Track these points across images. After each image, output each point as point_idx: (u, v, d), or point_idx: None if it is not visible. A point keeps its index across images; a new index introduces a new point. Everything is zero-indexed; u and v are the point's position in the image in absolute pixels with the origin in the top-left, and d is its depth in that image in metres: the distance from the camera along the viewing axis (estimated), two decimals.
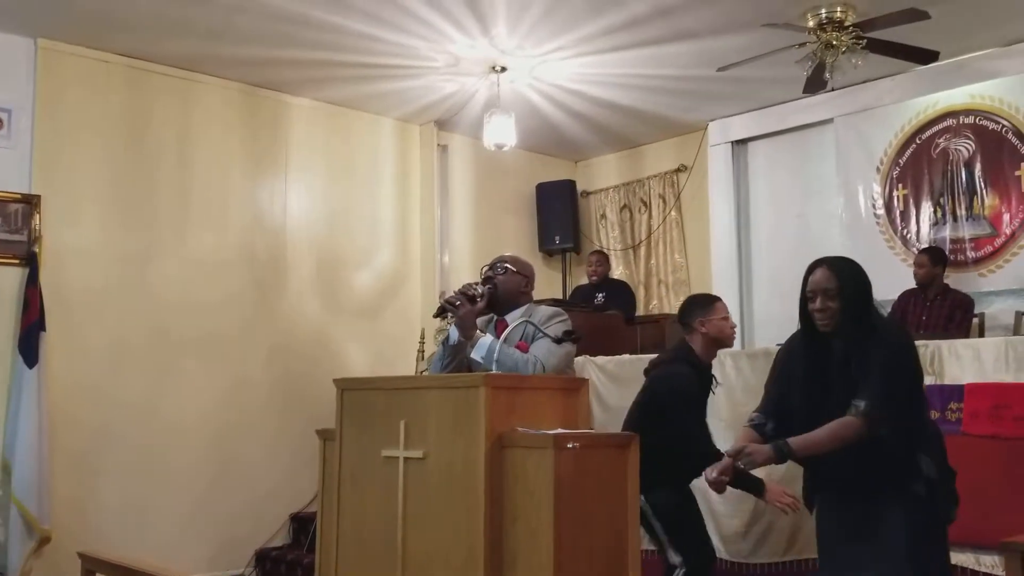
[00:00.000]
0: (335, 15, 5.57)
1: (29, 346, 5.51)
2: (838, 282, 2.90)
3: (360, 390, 3.67)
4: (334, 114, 7.25)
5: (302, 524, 6.52)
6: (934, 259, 5.99)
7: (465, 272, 7.76)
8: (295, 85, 6.84)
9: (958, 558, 3.89)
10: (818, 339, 2.99)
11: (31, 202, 5.74)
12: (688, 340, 4.01)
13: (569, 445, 2.99)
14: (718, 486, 3.07)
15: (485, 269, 3.83)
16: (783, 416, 3.07)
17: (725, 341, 4.05)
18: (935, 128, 6.59)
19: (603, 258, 7.56)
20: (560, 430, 3.14)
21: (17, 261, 5.66)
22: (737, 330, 4.32)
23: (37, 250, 5.68)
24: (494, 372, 3.40)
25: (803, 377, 3.01)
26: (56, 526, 5.49)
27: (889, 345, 2.89)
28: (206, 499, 6.26)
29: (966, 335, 5.57)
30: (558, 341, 3.56)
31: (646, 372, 4.13)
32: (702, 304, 4.06)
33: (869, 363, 2.84)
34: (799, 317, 3.04)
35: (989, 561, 3.86)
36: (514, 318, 3.70)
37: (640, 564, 3.22)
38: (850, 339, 2.89)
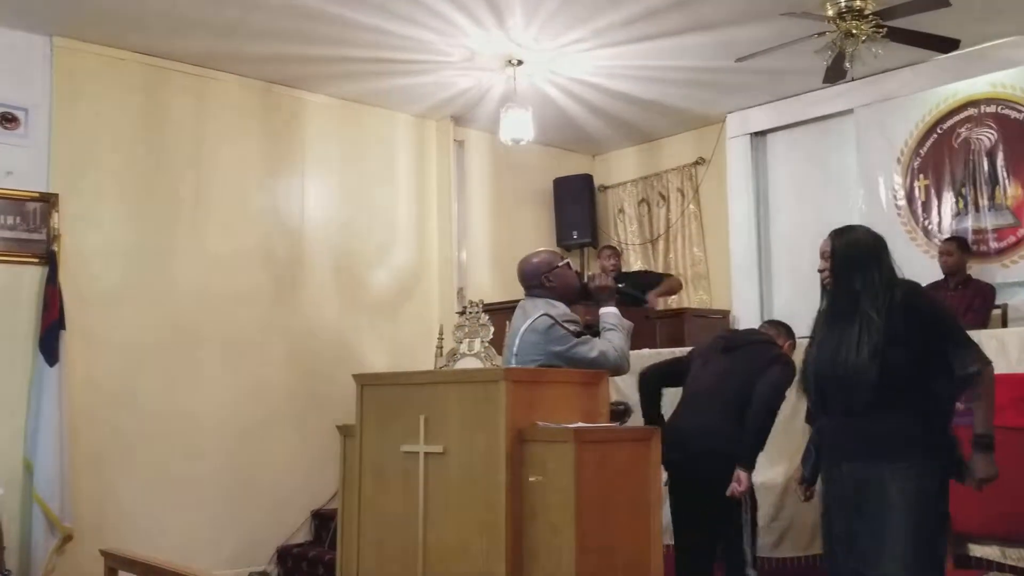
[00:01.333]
0: (349, 10, 5.56)
1: (49, 345, 5.53)
2: (832, 245, 3.19)
3: (380, 386, 3.68)
4: (350, 110, 7.24)
5: (323, 521, 6.52)
6: (961, 247, 5.97)
7: (483, 268, 7.76)
8: (311, 81, 6.83)
9: (983, 551, 3.87)
10: (825, 297, 3.25)
11: (49, 201, 5.76)
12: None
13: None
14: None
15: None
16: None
17: None
18: (956, 118, 6.51)
19: (615, 252, 7.42)
20: (580, 424, 3.12)
21: (36, 260, 5.67)
22: (756, 326, 4.39)
23: (56, 249, 5.70)
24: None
25: (822, 329, 3.22)
26: (78, 524, 5.50)
27: (931, 305, 3.16)
28: (227, 497, 6.28)
29: (984, 323, 5.53)
30: (578, 334, 3.54)
31: (735, 344, 4.11)
32: (792, 335, 4.29)
33: (930, 328, 3.01)
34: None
35: (1015, 554, 3.83)
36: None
37: (662, 559, 3.21)
38: (837, 293, 3.14)
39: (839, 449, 3.08)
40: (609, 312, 3.65)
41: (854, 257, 3.13)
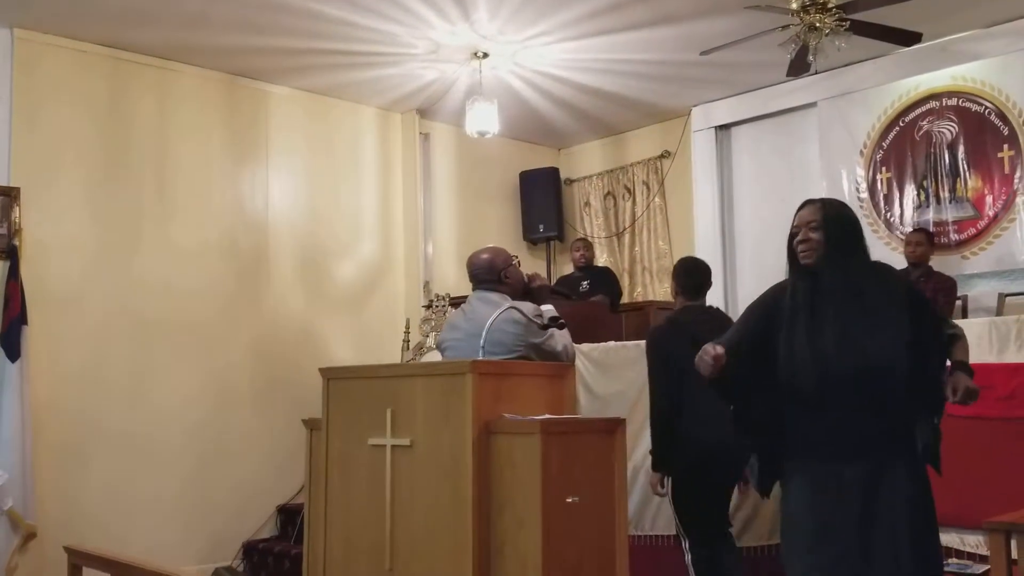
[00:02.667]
0: (314, 2, 5.53)
1: (11, 341, 5.47)
2: (822, 215, 2.81)
3: (346, 379, 3.66)
4: (314, 103, 7.20)
5: (289, 515, 6.50)
6: (928, 238, 6.05)
7: (449, 262, 7.75)
8: (275, 73, 6.78)
9: (944, 539, 3.90)
10: (803, 275, 2.85)
11: (10, 195, 5.68)
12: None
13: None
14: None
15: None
16: (736, 351, 2.86)
17: None
18: (918, 111, 6.60)
19: (587, 244, 7.50)
20: (547, 416, 3.13)
21: None
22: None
23: (17, 243, 5.62)
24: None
25: (788, 314, 2.84)
26: (42, 521, 5.45)
27: (913, 289, 2.93)
28: (193, 492, 6.24)
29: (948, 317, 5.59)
30: (545, 328, 3.56)
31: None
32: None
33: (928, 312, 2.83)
34: (787, 255, 2.91)
35: (973, 541, 3.89)
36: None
37: (627, 549, 3.23)
38: (838, 272, 2.78)
39: (838, 449, 2.73)
40: (550, 309, 3.75)
41: (849, 231, 2.83)
